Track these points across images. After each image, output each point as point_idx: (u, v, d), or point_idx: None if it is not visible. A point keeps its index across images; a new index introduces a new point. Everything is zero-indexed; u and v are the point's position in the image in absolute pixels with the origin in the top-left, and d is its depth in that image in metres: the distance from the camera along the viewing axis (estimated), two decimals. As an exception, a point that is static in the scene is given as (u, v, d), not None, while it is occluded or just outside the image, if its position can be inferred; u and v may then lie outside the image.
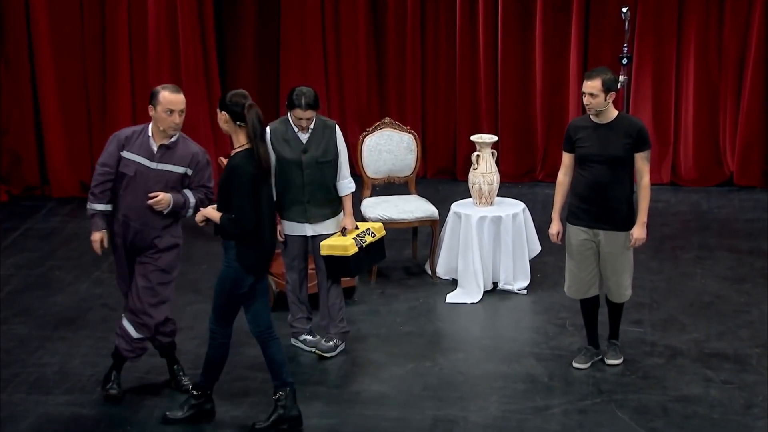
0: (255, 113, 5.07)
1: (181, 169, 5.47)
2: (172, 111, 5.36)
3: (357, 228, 6.08)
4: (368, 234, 6.07)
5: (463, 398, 5.68)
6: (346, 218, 6.06)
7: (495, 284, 7.16)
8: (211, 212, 5.19)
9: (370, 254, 6.07)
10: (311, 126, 5.96)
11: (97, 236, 5.50)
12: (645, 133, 5.75)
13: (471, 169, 7.35)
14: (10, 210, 8.93)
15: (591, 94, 5.66)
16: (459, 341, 6.48)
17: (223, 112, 5.14)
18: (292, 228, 6.05)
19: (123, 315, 5.57)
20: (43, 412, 5.51)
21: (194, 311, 6.81)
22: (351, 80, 9.72)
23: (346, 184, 6.07)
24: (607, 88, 5.66)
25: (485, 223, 7.10)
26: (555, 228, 5.94)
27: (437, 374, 5.95)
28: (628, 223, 5.77)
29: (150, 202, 5.39)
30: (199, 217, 5.26)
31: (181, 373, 5.75)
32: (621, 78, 9.03)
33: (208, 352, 5.33)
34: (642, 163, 5.73)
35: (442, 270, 7.35)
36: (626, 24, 8.97)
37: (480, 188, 7.27)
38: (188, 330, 6.43)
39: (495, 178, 7.29)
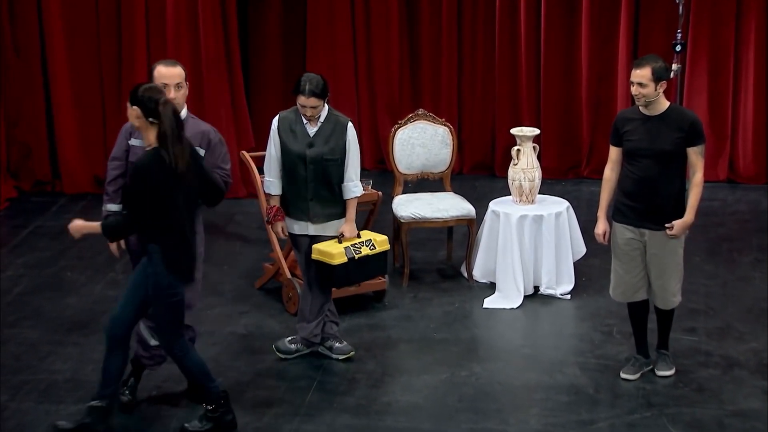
0: (171, 109, 4.98)
1: None
2: (166, 85, 5.36)
3: (359, 237, 6.05)
4: (366, 245, 6.02)
5: (501, 410, 5.67)
6: (345, 224, 6.04)
7: (536, 288, 7.14)
8: (82, 225, 5.16)
9: (364, 268, 6.00)
10: (320, 119, 5.96)
11: None
12: (699, 126, 5.71)
13: (511, 164, 7.33)
14: (19, 206, 9.02)
15: (640, 84, 5.63)
16: (497, 349, 6.47)
17: (134, 106, 5.03)
18: (297, 226, 6.07)
19: (140, 322, 5.60)
20: (53, 423, 5.55)
21: (215, 315, 6.85)
22: (382, 68, 9.73)
23: (350, 187, 6.03)
24: (658, 77, 5.62)
25: (526, 222, 7.08)
26: (601, 227, 5.92)
27: (474, 384, 5.95)
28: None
29: None
30: (74, 232, 5.18)
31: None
32: (674, 66, 8.94)
33: (184, 370, 5.34)
34: (695, 158, 5.70)
35: (479, 273, 7.34)
36: (680, 8, 8.90)
37: (520, 185, 7.25)
38: (208, 335, 6.46)
39: (536, 174, 7.27)
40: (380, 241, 6.10)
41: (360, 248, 5.98)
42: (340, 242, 5.97)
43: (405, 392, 5.87)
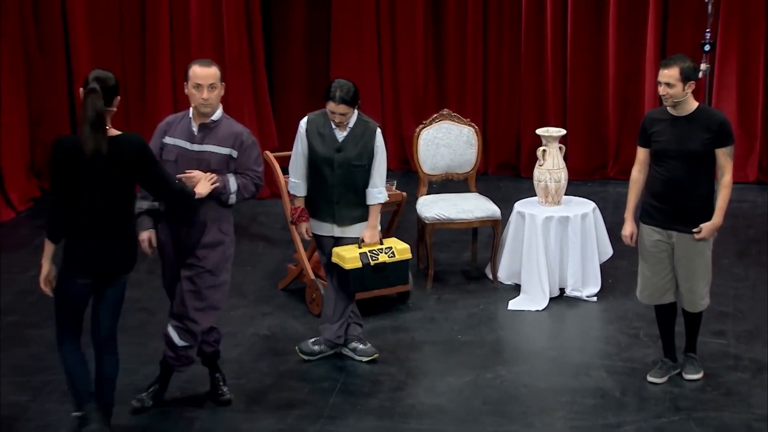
0: (94, 97, 4.96)
1: (224, 150, 5.44)
2: (199, 86, 5.37)
3: (381, 243, 6.04)
4: (385, 253, 5.99)
5: (526, 413, 5.66)
6: (366, 230, 6.03)
7: (562, 290, 7.12)
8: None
9: (381, 275, 5.98)
10: (349, 125, 5.97)
11: (145, 235, 5.51)
12: (728, 126, 5.68)
13: (536, 165, 7.31)
14: (43, 206, 9.06)
15: (668, 84, 5.61)
16: (522, 351, 6.46)
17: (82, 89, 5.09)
18: (322, 228, 6.08)
19: (168, 320, 5.62)
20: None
21: (238, 316, 6.87)
22: (407, 68, 9.73)
23: (374, 194, 6.03)
24: (686, 77, 5.59)
25: (551, 223, 7.06)
26: (628, 229, 5.90)
27: (499, 387, 5.94)
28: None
29: (181, 176, 5.34)
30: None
31: (221, 383, 5.79)
32: (703, 66, 8.91)
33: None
34: (724, 159, 5.67)
35: (504, 274, 7.33)
36: (709, 7, 8.86)
37: (546, 186, 7.23)
38: (231, 336, 6.48)
39: (562, 174, 7.25)
40: (401, 250, 6.07)
41: (377, 255, 5.96)
42: (360, 247, 5.97)
43: (429, 395, 5.87)
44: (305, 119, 6.04)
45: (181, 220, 5.40)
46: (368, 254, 5.93)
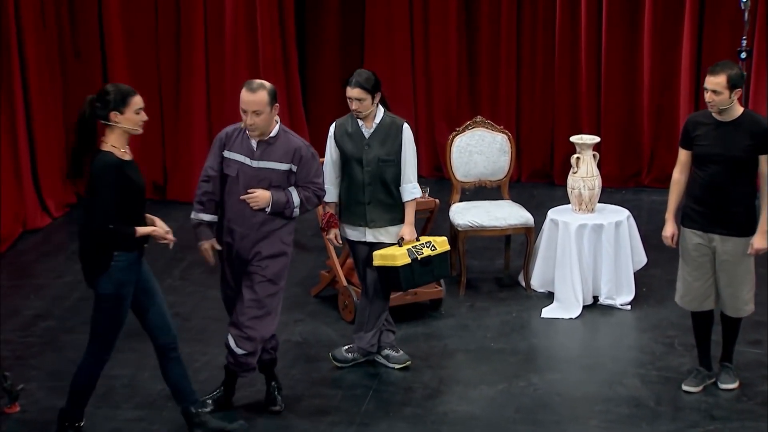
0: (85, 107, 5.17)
1: (284, 166, 5.48)
2: (245, 111, 5.42)
3: (418, 240, 6.06)
4: (427, 247, 6.03)
5: (560, 422, 5.65)
6: (405, 227, 6.05)
7: (595, 298, 7.10)
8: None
9: (428, 269, 6.00)
10: (376, 120, 5.98)
11: (207, 245, 5.56)
12: None
13: (570, 172, 7.30)
14: (78, 212, 9.16)
15: (714, 92, 5.58)
16: (555, 360, 6.44)
17: None
18: (353, 233, 6.10)
19: (228, 329, 5.65)
20: (112, 428, 5.64)
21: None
22: (440, 75, 9.74)
23: (409, 189, 6.05)
24: (733, 84, 5.58)
25: (585, 231, 7.04)
26: (669, 230, 5.87)
27: (532, 395, 5.93)
28: (747, 229, 5.69)
29: (244, 197, 5.39)
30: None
31: (276, 392, 5.80)
32: (739, 73, 8.87)
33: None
34: (766, 166, 5.64)
35: (537, 282, 7.32)
36: (746, 14, 8.81)
37: (580, 193, 7.22)
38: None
39: (596, 182, 7.23)
40: (440, 242, 6.13)
41: (421, 250, 6.01)
42: (400, 246, 5.99)
43: (461, 402, 5.87)
44: (334, 124, 6.12)
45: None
46: (413, 250, 5.97)
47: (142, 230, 5.16)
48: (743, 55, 8.81)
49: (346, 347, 6.27)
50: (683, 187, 5.83)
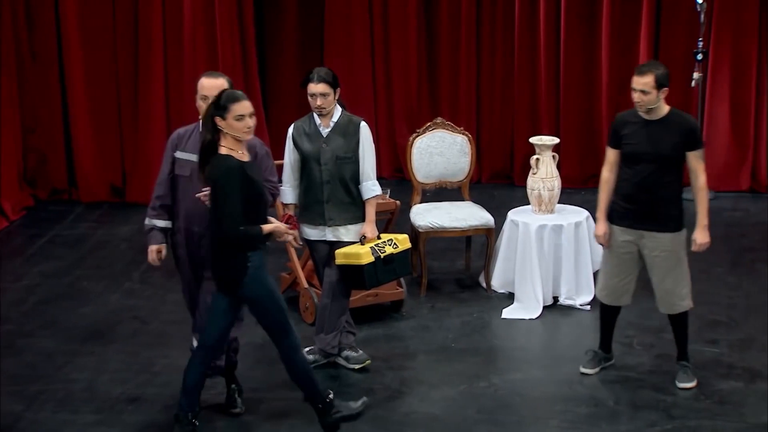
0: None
1: None
2: (206, 97, 5.39)
3: (379, 238, 6.08)
4: (389, 245, 6.05)
5: (520, 422, 5.67)
6: (366, 225, 6.07)
7: (555, 299, 7.14)
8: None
9: (390, 267, 6.03)
10: (334, 118, 6.00)
11: (154, 248, 5.55)
12: (698, 131, 5.83)
13: (530, 173, 7.34)
14: (36, 215, 9.08)
15: (642, 92, 5.69)
16: (516, 360, 6.47)
17: None
18: (313, 232, 6.10)
19: (193, 335, 5.63)
20: (70, 432, 5.60)
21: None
22: (400, 76, 9.76)
23: (369, 186, 6.08)
24: (660, 84, 5.68)
25: (545, 232, 7.08)
26: (602, 228, 5.96)
27: (492, 396, 5.95)
28: (677, 225, 5.80)
29: (198, 195, 5.38)
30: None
31: (236, 395, 5.78)
32: (695, 75, 8.97)
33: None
34: (696, 162, 5.76)
35: (497, 283, 7.35)
36: (702, 16, 8.91)
37: (539, 194, 7.26)
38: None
39: (556, 183, 7.27)
40: (402, 240, 6.15)
41: (384, 247, 6.02)
42: (362, 244, 5.99)
43: (423, 403, 5.88)
44: (292, 126, 6.14)
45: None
46: (376, 248, 5.97)
47: (267, 228, 5.20)
48: (699, 56, 8.91)
49: (307, 349, 6.26)
50: (613, 186, 5.91)
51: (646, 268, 5.89)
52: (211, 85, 5.39)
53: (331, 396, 5.48)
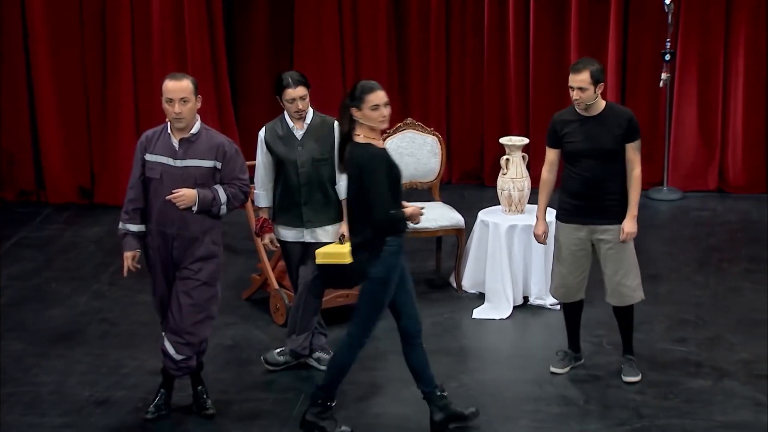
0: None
1: (208, 163, 5.46)
2: (171, 100, 5.39)
3: None
4: None
5: (491, 422, 5.69)
6: (344, 224, 6.08)
7: (525, 299, 7.17)
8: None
9: None
10: (307, 120, 6.00)
11: (129, 254, 5.52)
12: (635, 122, 5.89)
13: (500, 174, 7.36)
14: (3, 217, 9.00)
15: (580, 89, 5.77)
16: (486, 360, 6.49)
17: None
18: (290, 233, 6.08)
19: (164, 335, 5.60)
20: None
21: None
22: (370, 76, 9.66)
23: (345, 186, 6.09)
24: (596, 80, 5.77)
25: (515, 232, 7.10)
26: (542, 227, 6.08)
27: (463, 395, 5.96)
28: (625, 215, 5.85)
29: (170, 197, 5.36)
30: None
31: (205, 396, 5.76)
32: (663, 76, 9.03)
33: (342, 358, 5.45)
34: (633, 153, 5.84)
35: (468, 283, 7.37)
36: (669, 17, 8.98)
37: (509, 195, 7.28)
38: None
39: (526, 183, 7.30)
40: None
41: None
42: (342, 243, 5.99)
43: (394, 404, 5.88)
44: (263, 129, 6.10)
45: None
46: None
47: (407, 212, 5.30)
48: (667, 57, 8.97)
49: (278, 350, 6.25)
50: (553, 186, 5.97)
51: (599, 263, 5.93)
52: (176, 87, 5.39)
53: (333, 404, 5.48)
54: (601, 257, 5.93)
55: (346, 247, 5.92)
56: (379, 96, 5.27)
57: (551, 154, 5.97)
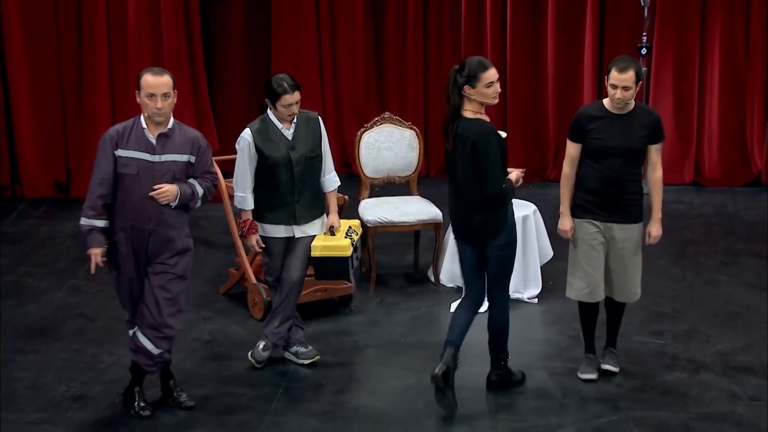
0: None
1: (184, 157, 5.45)
2: (152, 95, 5.36)
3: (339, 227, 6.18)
4: (353, 232, 6.16)
5: (469, 416, 5.70)
6: (333, 216, 6.11)
7: (503, 292, 7.17)
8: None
9: (356, 255, 6.16)
10: (293, 119, 5.99)
11: (98, 251, 5.45)
12: (661, 124, 5.84)
13: (478, 167, 7.36)
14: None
15: (625, 88, 5.63)
16: (464, 354, 6.47)
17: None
18: (279, 230, 6.07)
19: (137, 331, 5.56)
20: None
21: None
22: (348, 71, 9.75)
23: (331, 178, 6.13)
24: (639, 78, 5.70)
25: (493, 226, 7.11)
26: (568, 223, 5.90)
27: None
28: (641, 215, 5.86)
29: (153, 194, 5.35)
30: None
31: (179, 389, 5.74)
32: (640, 69, 9.07)
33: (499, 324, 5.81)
34: (656, 155, 5.81)
35: (446, 277, 7.38)
36: (645, 11, 9.02)
37: (487, 188, 7.29)
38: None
39: (503, 177, 7.31)
40: (357, 226, 6.26)
41: (351, 236, 6.10)
42: (333, 234, 6.01)
43: (372, 398, 5.89)
44: (248, 132, 5.98)
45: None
46: (348, 238, 6.06)
47: (512, 177, 5.62)
48: (643, 50, 9.01)
49: (262, 345, 6.22)
50: (574, 181, 5.89)
51: (609, 259, 5.89)
52: (158, 82, 5.36)
53: (508, 359, 5.89)
54: (612, 255, 5.85)
55: (345, 240, 5.96)
56: (493, 73, 5.46)
57: (573, 149, 5.83)
